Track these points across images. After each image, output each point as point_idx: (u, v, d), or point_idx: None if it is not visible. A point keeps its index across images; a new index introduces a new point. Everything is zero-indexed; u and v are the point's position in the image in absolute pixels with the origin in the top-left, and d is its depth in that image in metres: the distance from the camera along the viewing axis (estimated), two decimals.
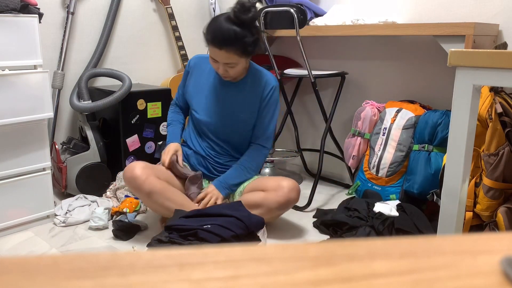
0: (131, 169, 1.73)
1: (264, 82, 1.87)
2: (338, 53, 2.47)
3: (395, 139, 1.99)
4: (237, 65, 1.74)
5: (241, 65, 1.75)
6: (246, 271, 0.32)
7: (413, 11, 2.12)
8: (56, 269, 0.32)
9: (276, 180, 1.79)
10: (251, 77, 1.88)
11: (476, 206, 1.57)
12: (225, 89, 1.88)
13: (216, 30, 1.67)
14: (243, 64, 1.77)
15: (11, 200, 1.84)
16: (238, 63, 1.73)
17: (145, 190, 1.71)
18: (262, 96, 1.86)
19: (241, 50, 1.68)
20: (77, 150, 2.21)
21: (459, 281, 0.31)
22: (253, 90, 1.87)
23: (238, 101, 1.87)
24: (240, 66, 1.76)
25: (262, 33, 1.79)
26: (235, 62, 1.72)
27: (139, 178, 1.71)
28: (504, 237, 0.38)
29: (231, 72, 1.76)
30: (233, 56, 1.69)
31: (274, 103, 1.89)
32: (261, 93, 1.86)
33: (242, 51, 1.69)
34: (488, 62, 1.07)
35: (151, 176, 1.72)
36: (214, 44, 1.68)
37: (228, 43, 1.66)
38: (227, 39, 1.65)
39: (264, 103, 1.87)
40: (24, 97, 1.79)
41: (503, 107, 1.54)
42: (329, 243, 0.36)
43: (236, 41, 1.66)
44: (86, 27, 2.44)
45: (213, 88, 1.89)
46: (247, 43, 1.67)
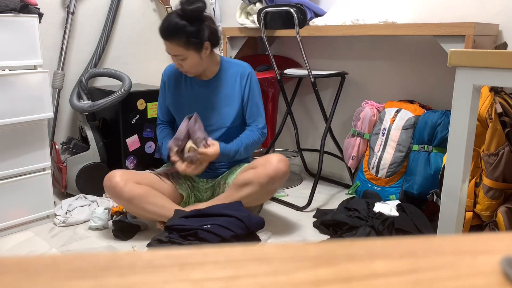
0: (109, 177, 1.75)
1: (238, 73, 1.90)
2: (338, 53, 2.47)
3: (395, 140, 1.99)
4: (187, 59, 1.77)
5: (193, 58, 1.78)
6: (246, 271, 0.32)
7: (413, 11, 2.12)
8: (56, 269, 0.32)
9: (265, 156, 1.83)
10: (224, 72, 1.91)
11: (476, 206, 1.57)
12: (201, 89, 1.91)
13: (163, 23, 1.76)
14: (196, 58, 1.78)
15: (11, 200, 1.84)
16: (187, 56, 1.76)
17: (125, 197, 1.72)
18: (240, 87, 1.90)
19: (184, 41, 1.73)
20: (77, 150, 2.21)
21: (459, 281, 0.31)
22: (230, 83, 1.90)
23: (218, 96, 1.90)
24: (192, 60, 1.78)
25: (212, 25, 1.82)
26: (182, 55, 1.76)
27: (118, 185, 1.72)
28: (504, 237, 0.38)
29: (185, 66, 1.80)
30: (178, 48, 1.75)
31: (255, 87, 1.92)
32: (239, 85, 1.90)
33: (186, 42, 1.73)
34: (488, 62, 1.07)
35: (129, 182, 1.74)
36: (161, 36, 1.78)
37: (170, 34, 1.73)
38: (169, 31, 1.73)
39: (245, 92, 1.90)
40: (24, 97, 1.79)
41: (503, 107, 1.54)
42: (329, 243, 0.36)
43: (177, 32, 1.72)
44: (86, 27, 2.44)
45: (190, 92, 1.93)
46: (188, 34, 1.72)
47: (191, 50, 1.76)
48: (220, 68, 1.91)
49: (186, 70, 1.83)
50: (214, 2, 2.87)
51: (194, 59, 1.79)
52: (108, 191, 1.77)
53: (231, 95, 1.89)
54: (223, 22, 2.95)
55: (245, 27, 2.40)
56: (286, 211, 2.12)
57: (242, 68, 1.91)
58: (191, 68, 1.82)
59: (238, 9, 2.40)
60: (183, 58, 1.77)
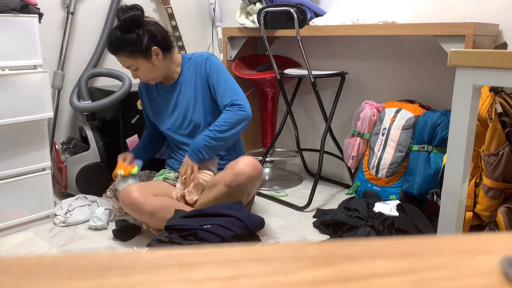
0: (127, 194, 1.71)
1: (198, 64, 1.86)
2: (338, 53, 2.47)
3: (395, 140, 1.99)
4: (139, 68, 1.76)
5: (144, 66, 1.76)
6: (246, 271, 0.32)
7: (413, 11, 2.12)
8: (56, 269, 0.32)
9: (238, 158, 1.79)
10: (186, 70, 1.88)
11: (476, 206, 1.57)
12: (169, 94, 1.90)
13: (107, 40, 1.76)
14: (147, 66, 1.77)
15: (11, 200, 1.84)
16: (138, 66, 1.76)
17: (147, 211, 1.69)
18: (201, 76, 1.85)
19: (128, 50, 1.72)
20: (77, 150, 2.21)
21: (459, 281, 0.31)
22: (193, 78, 1.87)
23: (186, 96, 1.87)
24: (144, 68, 1.77)
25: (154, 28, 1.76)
26: (132, 65, 1.76)
27: (138, 200, 1.69)
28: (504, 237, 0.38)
29: (141, 76, 1.80)
30: (126, 59, 1.75)
31: (217, 68, 1.83)
32: (199, 74, 1.86)
33: (130, 52, 1.72)
34: (488, 62, 1.07)
35: (148, 195, 1.71)
36: (109, 52, 1.78)
37: (113, 48, 1.74)
38: (111, 45, 1.74)
39: (209, 76, 1.84)
40: (24, 97, 1.79)
41: (503, 107, 1.54)
42: (329, 243, 0.36)
43: (118, 44, 1.72)
44: (86, 27, 2.44)
45: (161, 99, 1.93)
46: (128, 43, 1.71)
47: (139, 58, 1.74)
48: (182, 68, 1.89)
49: (145, 79, 1.82)
50: (214, 2, 2.87)
51: (145, 66, 1.77)
52: (128, 208, 1.72)
53: (197, 90, 1.86)
54: (223, 22, 2.95)
55: (245, 27, 2.40)
56: (286, 211, 2.12)
57: (200, 58, 1.87)
58: (146, 76, 1.80)
59: (238, 9, 2.40)
60: (134, 68, 1.77)
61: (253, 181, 1.74)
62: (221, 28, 2.90)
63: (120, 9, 1.72)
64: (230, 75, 1.86)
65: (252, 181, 1.73)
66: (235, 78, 2.60)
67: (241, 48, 2.56)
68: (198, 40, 2.97)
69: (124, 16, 1.69)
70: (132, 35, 1.71)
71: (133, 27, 1.72)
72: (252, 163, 1.73)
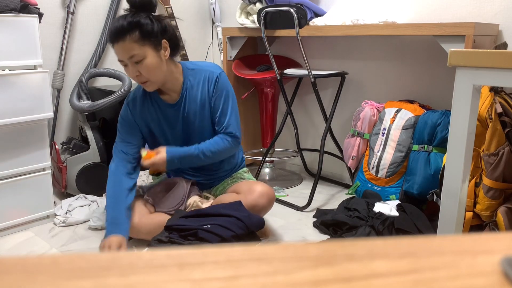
0: None
1: (204, 79, 1.71)
2: (338, 53, 2.47)
3: (395, 140, 1.99)
4: (145, 59, 1.56)
5: (151, 58, 1.57)
6: (246, 271, 0.32)
7: (413, 11, 2.12)
8: (56, 269, 0.32)
9: (251, 184, 1.75)
10: (190, 83, 1.72)
11: (476, 206, 1.57)
12: (171, 111, 1.74)
13: (113, 24, 1.57)
14: (154, 58, 1.58)
15: (11, 200, 1.84)
16: (145, 55, 1.55)
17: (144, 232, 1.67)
18: (209, 93, 1.72)
19: (140, 33, 1.54)
20: (77, 150, 2.21)
21: (459, 281, 0.31)
22: (200, 93, 1.72)
23: (190, 114, 1.73)
24: (151, 60, 1.57)
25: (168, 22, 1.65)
26: (139, 53, 1.54)
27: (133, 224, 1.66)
28: (504, 237, 0.38)
29: (144, 71, 1.57)
30: (133, 45, 1.53)
31: (221, 89, 1.71)
32: (207, 91, 1.71)
33: (141, 35, 1.54)
34: (488, 62, 1.07)
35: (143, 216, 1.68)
36: (112, 41, 1.57)
37: (121, 32, 1.53)
38: (120, 29, 1.53)
39: (213, 96, 1.71)
40: (24, 97, 1.79)
41: (503, 107, 1.54)
42: (329, 243, 0.36)
43: (129, 27, 1.53)
44: (86, 27, 2.44)
45: (161, 116, 1.75)
46: (142, 25, 1.54)
47: (147, 45, 1.55)
48: (184, 80, 1.71)
49: (146, 79, 1.60)
50: (214, 2, 2.87)
51: (152, 58, 1.57)
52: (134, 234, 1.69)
53: (202, 108, 1.72)
54: (223, 22, 2.95)
55: (245, 27, 2.40)
56: (286, 211, 2.12)
57: (209, 73, 1.72)
58: (150, 73, 1.58)
59: (238, 9, 2.40)
60: (139, 58, 1.55)
61: (267, 210, 1.75)
62: (221, 28, 2.90)
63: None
64: (235, 98, 1.76)
65: (266, 210, 1.75)
66: (235, 78, 2.61)
67: (241, 48, 2.56)
68: (198, 40, 2.97)
69: None
70: (146, 20, 1.56)
71: (146, 11, 1.59)
72: (267, 194, 1.71)
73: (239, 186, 1.78)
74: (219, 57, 3.00)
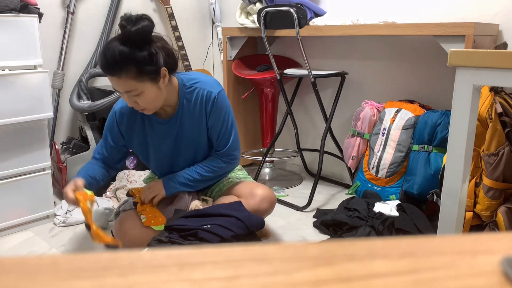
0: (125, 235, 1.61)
1: (204, 97, 1.60)
2: (338, 53, 2.47)
3: (395, 140, 1.99)
4: (143, 93, 1.43)
5: (150, 92, 1.44)
6: (246, 271, 0.32)
7: (413, 11, 2.13)
8: (56, 269, 0.32)
9: (251, 187, 1.72)
10: (186, 101, 1.61)
11: (476, 206, 1.57)
12: (164, 128, 1.64)
13: (104, 55, 1.39)
14: (153, 90, 1.45)
15: (11, 200, 1.84)
16: (143, 90, 1.43)
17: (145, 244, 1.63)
18: (206, 112, 1.62)
19: (135, 72, 1.39)
20: (77, 150, 2.21)
21: (459, 281, 0.31)
22: (196, 112, 1.62)
23: (184, 132, 1.65)
24: (149, 93, 1.45)
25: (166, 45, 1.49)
26: (136, 89, 1.42)
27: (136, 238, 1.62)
28: (504, 237, 0.38)
29: (142, 103, 1.46)
30: (130, 82, 1.40)
31: (220, 111, 1.62)
32: (204, 111, 1.61)
33: (137, 73, 1.39)
34: (488, 62, 1.07)
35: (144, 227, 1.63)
36: (105, 72, 1.42)
37: (117, 67, 1.38)
38: (114, 63, 1.37)
39: (211, 117, 1.62)
40: (24, 97, 1.79)
41: (503, 107, 1.54)
42: (329, 243, 0.36)
43: (125, 62, 1.37)
44: (86, 27, 2.44)
45: (152, 133, 1.65)
46: (138, 62, 1.38)
47: (146, 81, 1.42)
48: (180, 98, 1.60)
49: (143, 108, 1.49)
50: (214, 2, 2.87)
51: (151, 92, 1.45)
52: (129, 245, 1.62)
53: (198, 127, 1.64)
54: (223, 22, 2.95)
55: (245, 27, 2.40)
56: (286, 211, 2.12)
57: (207, 92, 1.60)
58: (149, 104, 1.47)
59: (238, 9, 2.40)
60: (137, 93, 1.42)
61: (268, 213, 1.74)
62: (221, 28, 2.90)
63: (126, 19, 1.39)
64: (233, 116, 1.68)
65: (268, 213, 1.74)
66: (235, 78, 2.61)
67: (241, 48, 2.56)
68: (198, 40, 2.97)
69: (135, 27, 1.37)
70: (144, 53, 1.39)
71: (143, 42, 1.40)
72: (268, 197, 1.69)
73: (239, 188, 1.75)
74: (219, 57, 3.00)
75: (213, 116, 1.62)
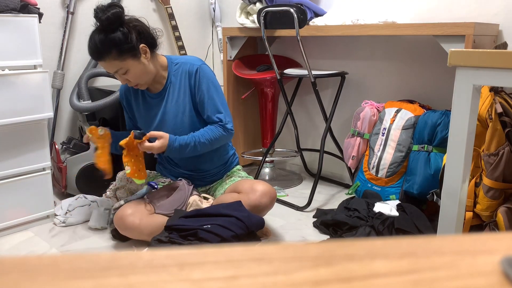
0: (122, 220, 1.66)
1: (187, 72, 1.74)
2: (338, 53, 2.47)
3: (395, 140, 1.99)
4: (129, 70, 1.63)
5: (135, 67, 1.64)
6: (246, 271, 0.32)
7: (413, 11, 2.12)
8: (56, 269, 0.32)
9: (252, 183, 1.75)
10: (173, 76, 1.76)
11: (476, 206, 1.57)
12: (155, 102, 1.79)
13: (88, 46, 1.62)
14: (137, 66, 1.64)
15: (11, 200, 1.84)
16: (128, 67, 1.63)
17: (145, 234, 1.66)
18: (190, 87, 1.75)
19: (116, 51, 1.59)
20: (77, 150, 2.21)
21: (459, 281, 0.31)
22: (181, 87, 1.75)
23: (171, 105, 1.76)
24: (135, 69, 1.64)
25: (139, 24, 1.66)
26: (122, 68, 1.62)
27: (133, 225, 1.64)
28: (504, 237, 0.38)
29: (131, 79, 1.66)
30: (114, 63, 1.61)
31: (206, 82, 1.73)
32: (189, 85, 1.75)
33: (118, 53, 1.59)
34: (488, 62, 1.07)
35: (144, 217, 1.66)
36: (93, 59, 1.66)
37: (99, 52, 1.60)
38: (97, 50, 1.60)
39: (196, 90, 1.74)
40: (24, 97, 1.79)
41: (503, 107, 1.54)
42: (329, 243, 0.36)
43: (105, 48, 1.58)
44: (86, 27, 2.44)
45: (146, 107, 1.82)
46: (116, 43, 1.58)
47: (128, 59, 1.61)
48: (168, 73, 1.77)
49: (135, 83, 1.69)
50: (214, 2, 2.87)
51: (136, 68, 1.64)
52: (125, 232, 1.68)
53: (184, 100, 1.75)
54: (223, 22, 2.95)
55: (245, 27, 2.40)
56: (286, 211, 2.12)
57: (189, 66, 1.74)
58: (138, 79, 1.67)
59: (238, 9, 2.40)
60: (124, 71, 1.63)
61: (269, 209, 1.75)
62: (221, 28, 2.90)
63: (98, 9, 1.58)
64: (220, 87, 1.78)
65: (268, 209, 1.75)
66: (235, 78, 2.61)
67: (241, 48, 2.56)
68: (198, 40, 2.97)
69: (106, 15, 1.56)
70: (117, 34, 1.58)
71: (116, 26, 1.59)
72: (269, 192, 1.71)
73: (240, 185, 1.78)
74: (219, 57, 3.00)
75: (198, 86, 1.74)
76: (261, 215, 1.73)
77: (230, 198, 1.73)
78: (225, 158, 1.91)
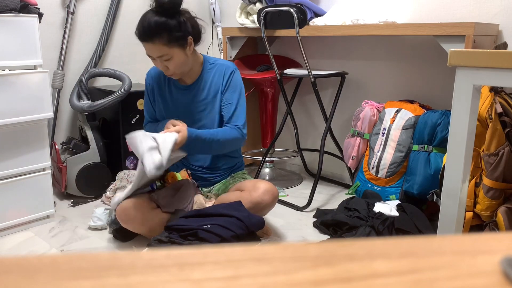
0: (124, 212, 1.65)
1: (223, 73, 1.80)
2: (338, 53, 2.47)
3: (395, 140, 1.99)
4: (173, 57, 1.66)
5: (179, 57, 1.68)
6: (246, 271, 0.32)
7: (413, 11, 2.12)
8: (56, 269, 0.32)
9: (255, 181, 1.76)
10: (206, 74, 1.81)
11: (476, 206, 1.57)
12: (182, 95, 1.82)
13: (140, 24, 1.64)
14: (181, 56, 1.68)
15: (11, 200, 1.84)
16: (172, 55, 1.66)
17: (146, 228, 1.66)
18: (221, 85, 1.80)
19: (167, 38, 1.62)
20: (77, 150, 2.21)
21: (459, 281, 0.31)
22: (212, 85, 1.80)
23: (199, 101, 1.81)
24: (178, 58, 1.68)
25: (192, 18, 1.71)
26: (167, 54, 1.65)
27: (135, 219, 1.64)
28: (504, 237, 0.38)
29: (171, 67, 1.69)
30: (162, 48, 1.64)
31: (236, 85, 1.80)
32: (221, 83, 1.80)
33: (168, 39, 1.62)
34: (488, 62, 1.07)
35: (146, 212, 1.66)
36: (141, 39, 1.66)
37: (151, 34, 1.62)
38: (149, 30, 1.62)
39: (225, 88, 1.79)
40: (24, 97, 1.79)
41: (503, 107, 1.54)
42: (329, 243, 0.36)
43: (158, 30, 1.61)
44: (86, 27, 2.44)
45: (171, 98, 1.84)
46: (170, 29, 1.62)
47: (175, 47, 1.65)
48: (202, 70, 1.82)
49: (172, 73, 1.72)
50: (214, 2, 2.87)
51: (179, 57, 1.68)
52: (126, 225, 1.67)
53: (213, 98, 1.80)
54: (223, 22, 2.95)
55: (245, 27, 2.40)
56: (286, 211, 2.12)
57: (226, 67, 1.81)
58: (177, 68, 1.71)
59: (238, 9, 2.40)
60: (168, 58, 1.66)
61: (270, 208, 1.76)
62: (221, 28, 2.90)
63: None
64: (245, 97, 1.83)
65: (270, 208, 1.75)
66: None
67: (241, 48, 2.56)
68: None
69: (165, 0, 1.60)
70: (174, 21, 1.62)
71: (173, 13, 1.63)
72: (271, 191, 1.72)
73: (243, 184, 1.80)
74: (219, 57, 3.00)
75: (228, 87, 1.79)
76: (262, 213, 1.73)
77: (232, 197, 1.73)
78: (232, 161, 1.92)
